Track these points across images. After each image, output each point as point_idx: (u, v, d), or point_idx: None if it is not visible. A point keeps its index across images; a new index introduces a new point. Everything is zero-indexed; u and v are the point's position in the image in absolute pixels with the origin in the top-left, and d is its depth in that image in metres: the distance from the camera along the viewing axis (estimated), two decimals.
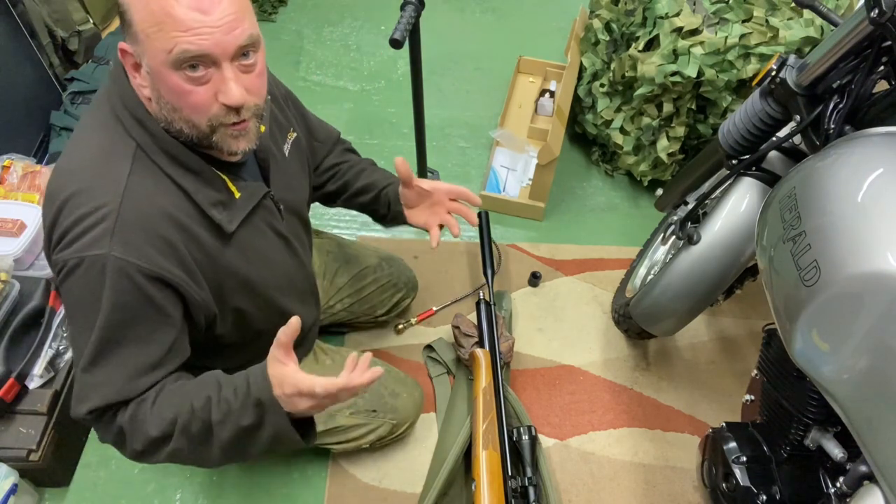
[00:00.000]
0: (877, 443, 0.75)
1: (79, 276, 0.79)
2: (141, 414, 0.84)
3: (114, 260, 0.78)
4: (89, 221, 0.79)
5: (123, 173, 0.81)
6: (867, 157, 0.81)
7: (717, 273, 1.22)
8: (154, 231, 0.81)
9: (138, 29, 0.75)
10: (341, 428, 1.27)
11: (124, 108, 0.82)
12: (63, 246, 0.80)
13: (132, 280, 0.80)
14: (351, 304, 1.47)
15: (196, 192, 0.85)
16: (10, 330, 1.30)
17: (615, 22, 1.90)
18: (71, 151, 0.86)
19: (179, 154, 0.84)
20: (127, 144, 0.82)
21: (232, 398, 0.83)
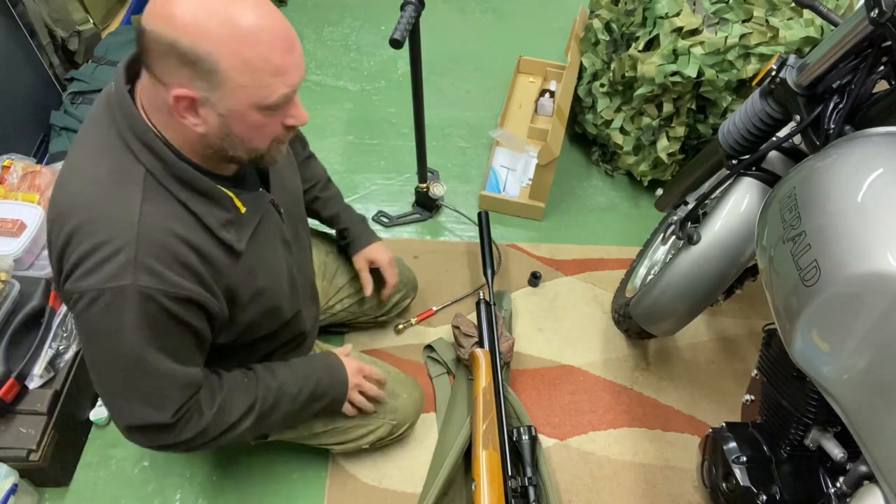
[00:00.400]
0: (877, 443, 0.75)
1: (101, 306, 0.81)
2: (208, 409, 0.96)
3: (139, 289, 0.80)
4: (107, 251, 0.79)
5: (136, 201, 0.81)
6: (867, 157, 0.81)
7: (717, 273, 1.22)
8: (172, 255, 0.82)
9: (226, 77, 0.75)
10: (341, 428, 1.27)
11: (132, 133, 0.81)
12: (80, 276, 0.80)
13: (159, 304, 0.82)
14: (350, 304, 1.47)
15: (206, 214, 0.86)
16: (10, 330, 1.30)
17: (615, 22, 1.90)
18: (76, 173, 0.84)
19: (190, 178, 0.84)
20: (136, 170, 0.82)
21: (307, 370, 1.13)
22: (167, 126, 0.82)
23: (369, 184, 2.02)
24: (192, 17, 0.72)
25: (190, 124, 0.80)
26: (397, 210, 1.95)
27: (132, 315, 0.81)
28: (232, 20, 0.74)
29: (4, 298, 1.32)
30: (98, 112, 0.86)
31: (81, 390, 1.40)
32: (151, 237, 0.80)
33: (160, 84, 0.77)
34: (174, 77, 0.76)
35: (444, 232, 1.92)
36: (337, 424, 1.26)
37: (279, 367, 1.11)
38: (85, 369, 1.40)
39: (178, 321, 0.85)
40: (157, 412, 0.89)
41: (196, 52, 0.73)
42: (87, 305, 0.81)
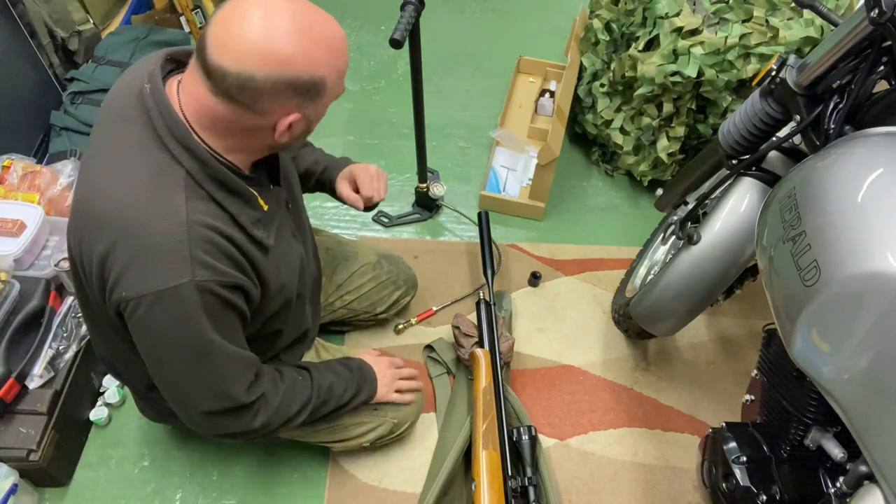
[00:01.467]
0: (877, 443, 0.75)
1: (164, 306, 0.83)
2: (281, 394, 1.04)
3: (198, 283, 0.83)
4: (161, 252, 0.82)
5: (181, 202, 0.83)
6: (867, 157, 0.81)
7: (717, 273, 1.22)
8: (219, 249, 0.85)
9: (329, 90, 0.85)
10: (342, 426, 1.27)
11: (171, 136, 0.83)
12: (135, 280, 0.82)
13: (216, 294, 0.86)
14: (350, 301, 1.47)
15: (239, 214, 0.89)
16: (10, 330, 1.30)
17: (615, 22, 1.90)
18: (111, 176, 0.85)
19: (226, 179, 0.87)
20: (176, 171, 0.84)
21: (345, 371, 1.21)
22: (208, 130, 0.85)
23: None
24: (305, 53, 0.78)
25: (280, 138, 0.86)
26: (397, 210, 1.95)
27: (195, 309, 0.84)
28: (326, 40, 0.81)
29: (4, 298, 1.32)
30: (126, 112, 0.86)
31: (81, 390, 1.40)
32: (200, 234, 0.83)
33: (254, 113, 0.82)
34: (282, 107, 0.82)
35: (444, 232, 1.92)
36: (339, 421, 1.26)
37: (325, 367, 1.19)
38: (85, 369, 1.41)
39: (231, 307, 0.90)
40: (237, 393, 0.95)
41: (313, 80, 0.81)
42: (149, 307, 0.83)
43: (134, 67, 0.91)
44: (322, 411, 1.15)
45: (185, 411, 0.98)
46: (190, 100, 0.84)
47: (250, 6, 0.77)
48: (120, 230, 0.82)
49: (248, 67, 0.77)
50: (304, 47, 0.78)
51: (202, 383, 0.93)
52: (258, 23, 0.76)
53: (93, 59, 2.03)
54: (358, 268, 1.48)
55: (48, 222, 1.51)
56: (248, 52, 0.76)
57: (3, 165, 1.62)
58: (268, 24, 0.76)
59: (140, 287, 0.82)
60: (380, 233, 1.89)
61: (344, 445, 1.32)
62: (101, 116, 0.91)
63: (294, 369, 1.13)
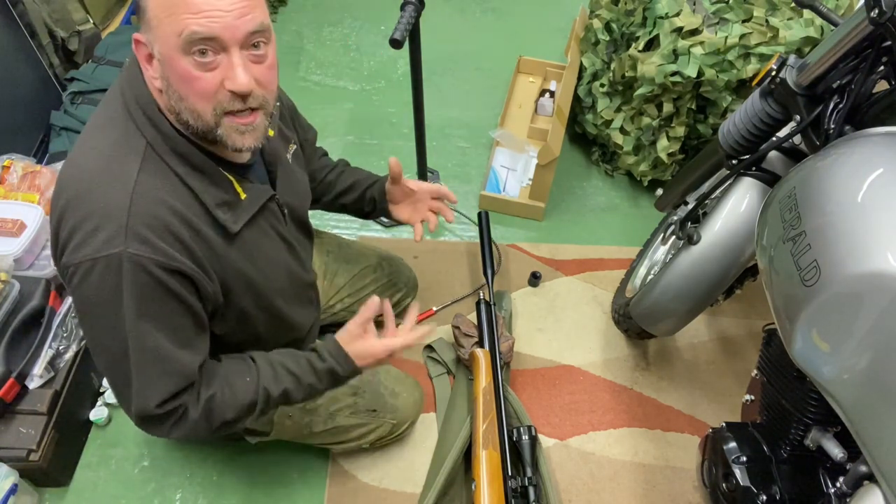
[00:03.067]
0: (877, 443, 0.75)
1: (95, 276, 0.80)
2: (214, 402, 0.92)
3: (129, 256, 0.79)
4: (99, 220, 0.79)
5: (133, 171, 0.80)
6: (867, 157, 0.81)
7: (717, 273, 1.22)
8: (164, 227, 0.81)
9: (151, 15, 0.76)
10: (341, 428, 1.27)
11: (137, 105, 0.82)
12: (74, 247, 0.80)
13: (151, 274, 0.81)
14: (351, 303, 1.47)
15: (203, 191, 0.85)
16: (10, 330, 1.30)
17: (615, 22, 1.90)
18: (81, 147, 0.85)
19: (188, 153, 0.84)
20: (137, 142, 0.82)
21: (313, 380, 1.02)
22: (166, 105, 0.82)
23: None
24: None
25: (150, 78, 0.81)
26: None
27: (126, 284, 0.80)
28: None
29: (4, 298, 1.32)
30: (111, 90, 0.87)
31: (81, 390, 1.40)
32: (144, 207, 0.80)
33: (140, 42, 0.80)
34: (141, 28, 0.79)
35: (444, 232, 1.91)
36: (337, 423, 1.26)
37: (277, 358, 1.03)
38: (85, 369, 1.41)
39: (171, 294, 0.84)
40: (147, 400, 0.86)
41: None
42: (81, 278, 0.80)
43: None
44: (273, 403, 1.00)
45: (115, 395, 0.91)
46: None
47: None
48: (70, 197, 0.81)
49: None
50: None
51: (118, 374, 0.86)
52: None
53: (93, 59, 2.03)
54: (359, 270, 1.48)
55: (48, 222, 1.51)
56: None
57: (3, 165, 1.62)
58: None
59: (78, 253, 0.79)
60: (380, 233, 1.89)
61: (344, 447, 1.32)
62: None
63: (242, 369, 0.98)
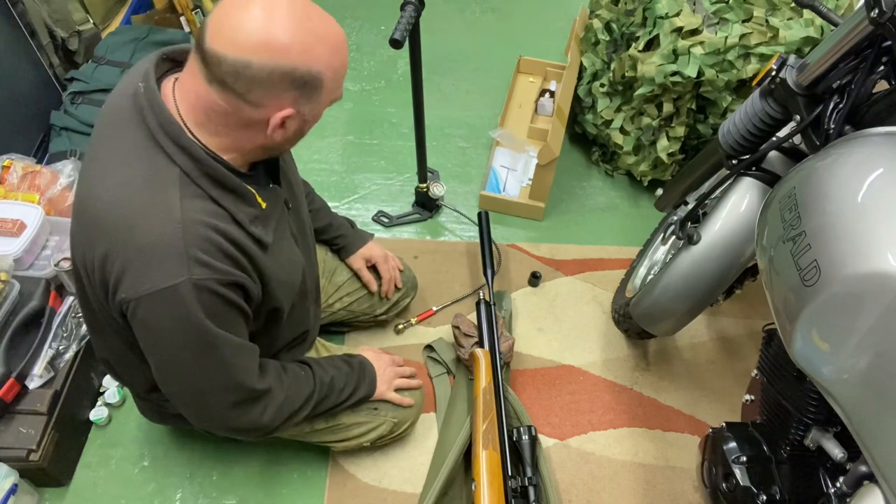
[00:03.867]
0: (877, 443, 0.75)
1: (164, 305, 0.83)
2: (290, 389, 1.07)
3: (194, 282, 0.83)
4: (157, 252, 0.81)
5: (175, 200, 0.82)
6: (867, 157, 0.81)
7: (717, 273, 1.22)
8: (216, 247, 0.85)
9: (326, 89, 0.84)
10: (342, 426, 1.27)
11: (165, 134, 0.83)
12: (133, 282, 0.82)
13: (215, 292, 0.86)
14: (350, 302, 1.47)
15: (236, 211, 0.88)
16: (10, 330, 1.30)
17: (615, 22, 1.90)
18: (106, 178, 0.85)
19: (221, 177, 0.86)
20: (171, 171, 0.83)
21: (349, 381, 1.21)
22: (202, 127, 0.84)
23: (369, 184, 2.02)
24: (302, 44, 0.78)
25: (271, 136, 0.85)
26: (397, 210, 1.95)
27: (195, 307, 0.84)
28: (325, 36, 0.81)
29: (4, 298, 1.32)
30: (122, 113, 0.86)
31: (81, 390, 1.40)
32: (195, 233, 0.83)
33: (247, 104, 0.81)
34: (278, 100, 0.81)
35: (444, 232, 1.92)
36: (339, 421, 1.26)
37: (326, 363, 1.21)
38: (85, 369, 1.41)
39: (231, 304, 0.89)
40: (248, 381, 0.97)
41: (310, 74, 0.80)
42: (148, 308, 0.84)
43: (132, 69, 0.91)
44: (323, 406, 1.16)
45: (195, 409, 0.99)
46: (185, 93, 0.84)
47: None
48: (116, 232, 0.82)
49: (244, 54, 0.76)
50: (301, 39, 0.78)
51: (210, 378, 0.94)
52: (257, 12, 0.76)
53: (93, 59, 2.03)
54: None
55: (48, 222, 1.51)
56: (246, 38, 0.76)
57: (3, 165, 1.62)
58: (267, 13, 0.76)
59: (138, 288, 0.82)
60: (380, 233, 1.89)
61: (344, 445, 1.32)
62: (98, 119, 0.91)
63: (296, 365, 1.15)
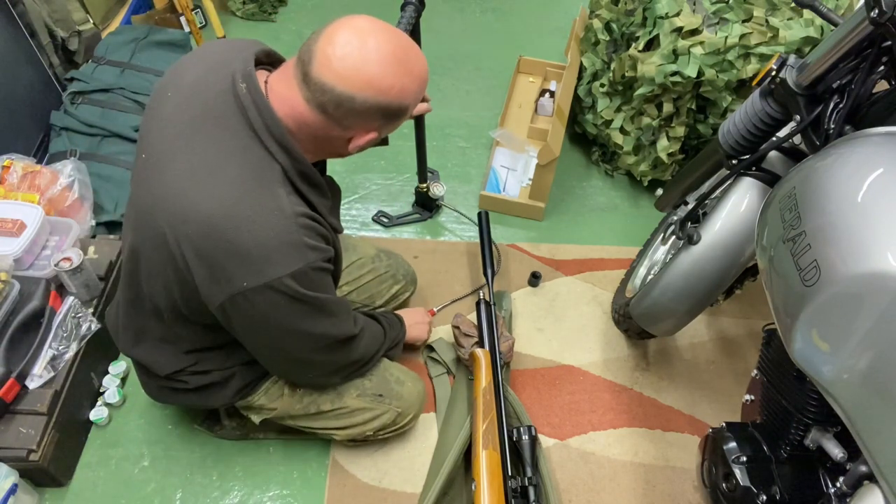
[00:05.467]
0: (877, 443, 0.75)
1: (287, 289, 0.93)
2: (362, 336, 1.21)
3: (311, 264, 0.94)
4: (277, 242, 0.90)
5: (282, 195, 0.91)
6: (867, 157, 0.81)
7: (717, 273, 1.22)
8: (317, 233, 0.96)
9: (407, 115, 0.95)
10: (346, 410, 1.27)
11: (269, 134, 0.90)
12: (255, 272, 0.90)
13: (323, 269, 0.98)
14: (349, 292, 1.47)
15: (319, 203, 0.99)
16: (10, 330, 1.30)
17: (615, 22, 1.90)
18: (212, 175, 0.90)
19: (310, 174, 0.95)
20: (274, 169, 0.91)
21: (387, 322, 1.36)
22: (296, 130, 0.92)
23: (369, 184, 2.02)
24: (401, 85, 0.87)
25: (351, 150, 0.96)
26: (397, 210, 1.95)
27: (311, 285, 0.96)
28: (419, 74, 0.90)
29: (4, 298, 1.32)
30: (216, 110, 0.91)
31: (81, 390, 1.40)
32: (303, 223, 0.93)
33: (340, 127, 0.90)
34: (365, 125, 0.91)
35: (444, 232, 1.92)
36: (345, 403, 1.27)
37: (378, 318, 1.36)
38: (85, 369, 1.41)
39: (329, 273, 1.02)
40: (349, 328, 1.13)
41: (401, 108, 0.91)
42: (272, 294, 0.92)
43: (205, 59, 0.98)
44: (381, 352, 1.31)
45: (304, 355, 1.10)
46: (281, 102, 0.90)
47: (360, 32, 0.85)
48: (232, 226, 0.88)
49: (350, 89, 0.85)
50: (402, 80, 0.87)
51: (324, 335, 1.07)
52: (366, 51, 0.84)
53: (93, 59, 2.03)
54: (356, 259, 1.48)
55: (48, 222, 1.51)
56: (355, 75, 0.84)
57: (3, 165, 1.62)
58: (375, 52, 0.84)
59: (262, 276, 0.90)
60: (380, 233, 1.89)
61: (347, 433, 1.31)
62: (172, 106, 0.95)
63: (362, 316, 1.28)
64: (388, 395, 1.31)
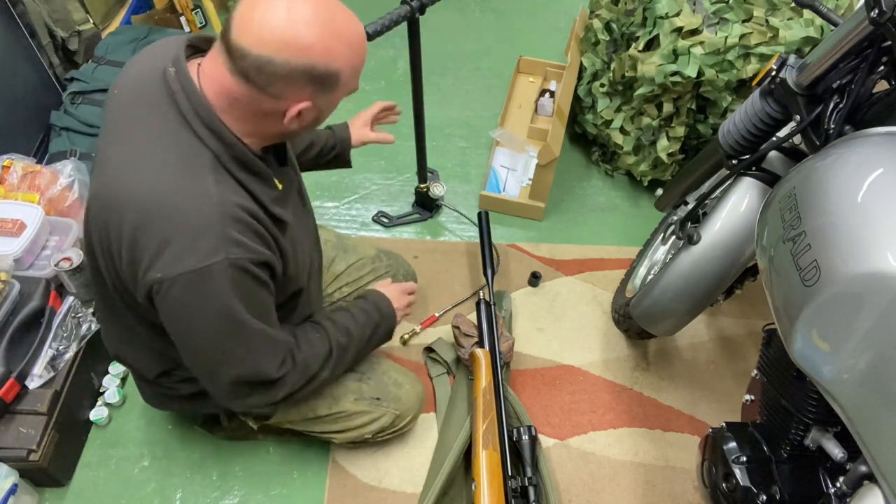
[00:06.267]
0: (877, 443, 0.75)
1: (201, 285, 0.87)
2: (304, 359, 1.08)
3: (231, 261, 0.87)
4: (194, 233, 0.85)
5: (210, 183, 0.86)
6: (867, 157, 0.81)
7: (717, 273, 1.22)
8: (248, 227, 0.89)
9: (343, 84, 0.87)
10: (344, 414, 1.27)
11: (198, 118, 0.86)
12: (169, 261, 0.85)
13: (248, 271, 0.90)
14: (349, 293, 1.47)
15: (260, 192, 0.92)
16: (10, 330, 1.30)
17: (615, 22, 1.90)
18: (135, 162, 0.87)
19: (248, 161, 0.90)
20: (204, 154, 0.87)
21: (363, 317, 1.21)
22: (226, 113, 0.87)
23: (369, 184, 2.02)
24: (325, 44, 0.81)
25: (288, 125, 0.88)
26: (397, 210, 1.95)
27: (229, 285, 0.88)
28: (346, 35, 0.84)
29: (4, 298, 1.32)
30: (150, 96, 0.88)
31: (81, 390, 1.40)
32: (231, 213, 0.87)
33: (267, 96, 0.84)
34: (296, 93, 0.84)
35: (444, 232, 1.92)
36: (342, 408, 1.26)
37: (340, 316, 1.20)
38: (85, 369, 1.41)
39: (261, 283, 0.94)
40: (268, 370, 1.00)
41: (329, 72, 0.84)
42: (185, 286, 0.86)
43: (149, 53, 0.94)
44: (346, 358, 1.18)
45: (216, 385, 1.01)
46: (209, 81, 0.86)
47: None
48: (153, 213, 0.85)
49: (267, 51, 0.79)
50: (324, 38, 0.81)
51: (234, 359, 0.97)
52: (283, 9, 0.79)
53: (93, 59, 2.03)
54: (356, 260, 1.48)
55: (48, 222, 1.51)
56: (270, 36, 0.79)
57: (3, 165, 1.62)
58: (292, 11, 0.79)
59: (176, 267, 0.85)
60: (380, 233, 1.89)
61: (345, 436, 1.31)
62: (115, 101, 0.93)
63: (312, 328, 1.15)
64: (385, 398, 1.30)
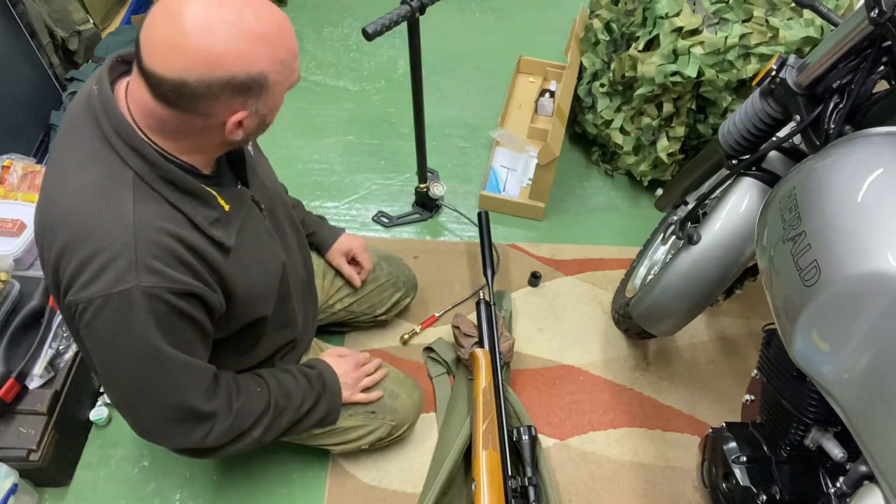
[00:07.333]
0: (877, 443, 0.75)
1: (110, 311, 0.81)
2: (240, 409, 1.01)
3: (143, 289, 0.81)
4: (106, 257, 0.79)
5: (128, 204, 0.81)
6: (867, 157, 0.81)
7: (717, 273, 1.22)
8: (169, 254, 0.83)
9: (272, 82, 0.79)
10: (340, 429, 1.27)
11: (118, 136, 0.81)
12: (82, 285, 0.81)
13: (165, 301, 0.83)
14: (350, 303, 1.47)
15: (194, 214, 0.86)
16: (10, 330, 1.30)
17: (615, 22, 1.90)
18: (62, 181, 0.83)
19: (177, 179, 0.84)
20: (124, 174, 0.81)
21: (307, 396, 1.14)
22: (157, 132, 0.82)
23: (369, 184, 2.02)
24: (236, 50, 0.74)
25: (231, 136, 0.82)
26: (397, 210, 1.95)
27: (142, 315, 0.82)
28: (258, 32, 0.76)
29: (4, 298, 1.32)
30: (78, 117, 0.84)
31: (81, 390, 1.40)
32: (148, 237, 0.81)
33: (196, 115, 0.78)
34: (226, 106, 0.78)
35: (444, 232, 1.92)
36: (336, 425, 1.26)
37: (283, 376, 1.14)
38: (85, 369, 1.40)
39: (182, 315, 0.87)
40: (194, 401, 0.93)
41: (251, 77, 0.77)
42: (94, 314, 0.82)
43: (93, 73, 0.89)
44: (280, 423, 1.09)
45: (134, 420, 0.95)
46: (136, 103, 0.81)
47: (176, 5, 0.73)
48: (69, 235, 0.81)
49: (178, 72, 0.74)
50: (233, 44, 0.74)
51: (151, 392, 0.91)
52: (184, 23, 0.72)
53: (93, 59, 2.03)
54: None
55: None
56: (176, 56, 0.73)
57: (3, 165, 1.62)
58: (192, 23, 0.72)
59: (87, 291, 0.81)
60: (380, 233, 1.89)
61: (343, 448, 1.31)
62: (63, 119, 0.89)
63: (253, 379, 1.09)
64: (380, 410, 1.30)
